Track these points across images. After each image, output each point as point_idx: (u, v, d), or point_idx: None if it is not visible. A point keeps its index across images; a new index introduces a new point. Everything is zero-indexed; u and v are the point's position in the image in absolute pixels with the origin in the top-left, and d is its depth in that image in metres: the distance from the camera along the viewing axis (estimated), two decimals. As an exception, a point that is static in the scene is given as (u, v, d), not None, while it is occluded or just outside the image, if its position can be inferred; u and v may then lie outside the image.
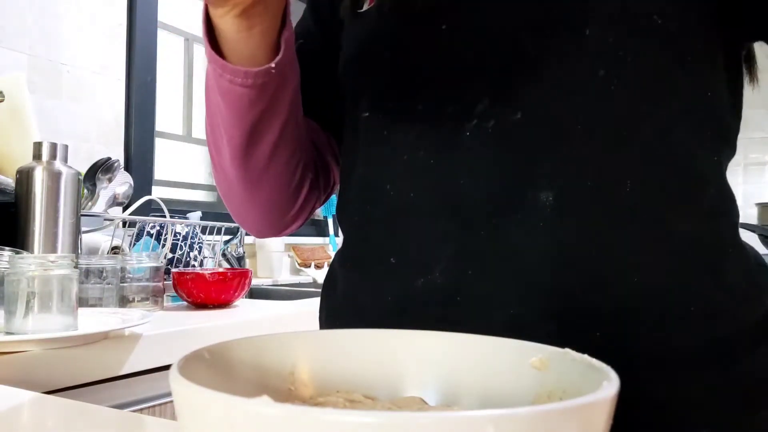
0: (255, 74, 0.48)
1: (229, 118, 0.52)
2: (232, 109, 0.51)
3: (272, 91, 0.50)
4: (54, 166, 1.05)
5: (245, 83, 0.48)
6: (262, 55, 0.48)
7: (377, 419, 0.18)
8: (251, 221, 0.63)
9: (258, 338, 0.32)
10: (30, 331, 0.76)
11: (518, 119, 0.45)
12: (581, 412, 0.20)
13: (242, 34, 0.46)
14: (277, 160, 0.55)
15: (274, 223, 0.63)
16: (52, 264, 0.78)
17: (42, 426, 0.46)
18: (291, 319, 1.19)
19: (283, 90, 0.51)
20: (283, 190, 0.59)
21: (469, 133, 0.46)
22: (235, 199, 0.60)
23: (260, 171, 0.56)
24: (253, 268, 2.07)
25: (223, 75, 0.48)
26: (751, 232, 1.92)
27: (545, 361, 0.30)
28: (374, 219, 0.52)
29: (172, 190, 2.06)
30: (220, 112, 0.52)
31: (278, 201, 0.60)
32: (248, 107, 0.50)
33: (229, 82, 0.48)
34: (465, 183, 0.46)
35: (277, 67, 0.48)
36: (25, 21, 1.51)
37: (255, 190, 0.58)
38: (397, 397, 0.33)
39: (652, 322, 0.43)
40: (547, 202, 0.44)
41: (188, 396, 0.22)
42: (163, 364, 0.90)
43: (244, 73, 0.48)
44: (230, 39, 0.47)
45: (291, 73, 0.52)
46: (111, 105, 1.71)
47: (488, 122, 0.46)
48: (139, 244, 1.44)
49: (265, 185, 0.57)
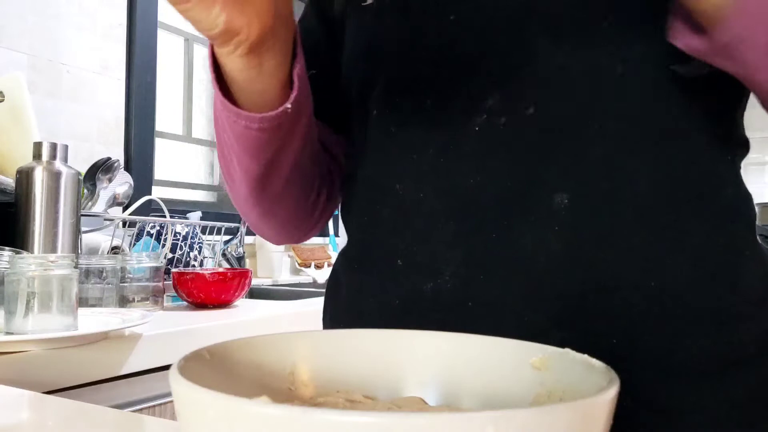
0: (271, 118, 0.45)
1: (244, 156, 0.49)
2: (247, 149, 0.48)
3: (288, 126, 0.47)
4: (54, 166, 1.05)
5: (261, 128, 0.45)
6: (273, 92, 0.45)
7: (377, 419, 0.18)
8: (269, 235, 0.63)
9: (258, 338, 0.32)
10: (30, 331, 0.76)
11: (530, 115, 0.44)
12: (581, 412, 0.20)
13: (251, 72, 0.43)
14: (294, 183, 0.54)
15: (293, 234, 0.63)
16: (52, 264, 0.78)
17: (42, 426, 0.46)
18: (291, 319, 1.19)
19: (298, 123, 0.48)
20: (300, 207, 0.58)
21: (478, 128, 0.45)
22: (251, 218, 0.59)
23: (277, 196, 0.54)
24: (253, 268, 2.07)
25: (237, 122, 0.46)
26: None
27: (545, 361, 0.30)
28: (381, 219, 0.51)
29: (172, 190, 2.06)
30: (234, 150, 0.50)
31: (295, 216, 0.59)
32: (265, 146, 0.48)
33: (244, 128, 0.46)
34: (475, 183, 0.45)
35: (292, 106, 0.45)
36: (25, 21, 1.51)
37: (272, 212, 0.56)
38: (397, 397, 0.33)
39: (667, 326, 0.42)
40: (561, 205, 0.43)
41: (188, 396, 0.22)
42: (163, 364, 0.90)
43: (259, 119, 0.45)
44: (239, 78, 0.44)
45: (306, 103, 0.49)
46: (111, 105, 1.71)
47: (499, 118, 0.44)
48: (139, 244, 1.44)
49: (282, 206, 0.56)
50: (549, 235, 0.43)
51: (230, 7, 0.38)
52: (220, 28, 0.39)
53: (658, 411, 0.42)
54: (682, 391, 0.42)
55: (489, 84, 0.45)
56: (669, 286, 0.43)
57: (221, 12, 0.38)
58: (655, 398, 0.42)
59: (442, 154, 0.47)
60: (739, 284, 0.44)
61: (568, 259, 0.43)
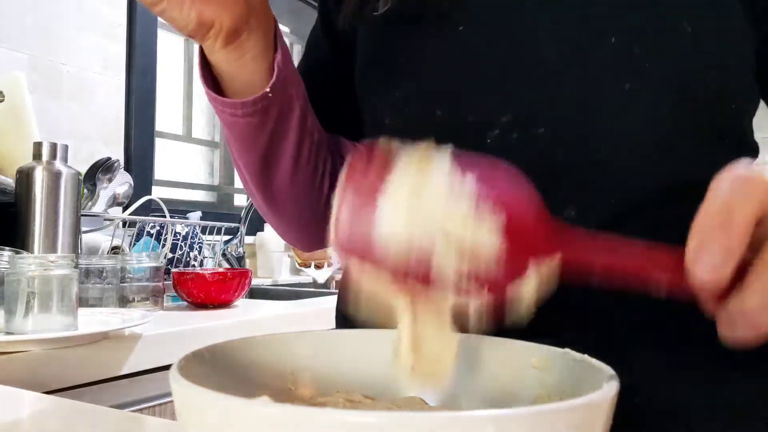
0: (252, 102, 0.48)
1: (240, 147, 0.53)
2: (240, 139, 0.52)
3: (276, 114, 0.50)
4: (54, 166, 1.05)
5: (245, 113, 0.49)
6: (259, 81, 0.49)
7: (377, 419, 0.18)
8: (291, 238, 0.65)
9: (258, 338, 0.32)
10: (30, 331, 0.76)
11: (542, 134, 0.44)
12: (581, 412, 0.20)
13: (235, 64, 0.47)
14: (300, 179, 0.56)
15: (315, 238, 0.64)
16: (52, 264, 0.78)
17: (42, 426, 0.46)
18: (291, 319, 1.19)
19: (288, 110, 0.51)
20: (313, 207, 0.59)
21: (490, 141, 0.46)
22: (269, 218, 0.62)
23: (284, 192, 0.56)
24: (253, 268, 2.07)
25: (224, 110, 0.50)
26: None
27: (545, 361, 0.30)
28: None
29: (172, 190, 2.06)
30: (232, 142, 0.54)
31: (311, 217, 0.60)
32: (256, 134, 0.51)
33: (230, 116, 0.50)
34: None
35: (273, 90, 0.48)
36: (25, 21, 1.51)
37: (283, 210, 0.59)
38: (397, 397, 0.33)
39: (666, 328, 0.43)
40: (569, 219, 0.43)
41: (188, 396, 0.22)
42: (163, 364, 0.90)
43: (241, 104, 0.49)
44: (225, 70, 0.48)
45: (294, 91, 0.52)
46: (111, 105, 1.71)
47: (511, 134, 0.45)
48: (139, 244, 1.44)
49: (292, 204, 0.58)
50: None
51: (199, 1, 0.42)
52: (194, 22, 0.42)
53: (659, 411, 0.42)
54: (683, 391, 0.43)
55: (503, 100, 0.46)
56: None
57: (191, 8, 0.42)
58: (656, 398, 0.42)
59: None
60: None
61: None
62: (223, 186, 2.25)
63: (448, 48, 0.48)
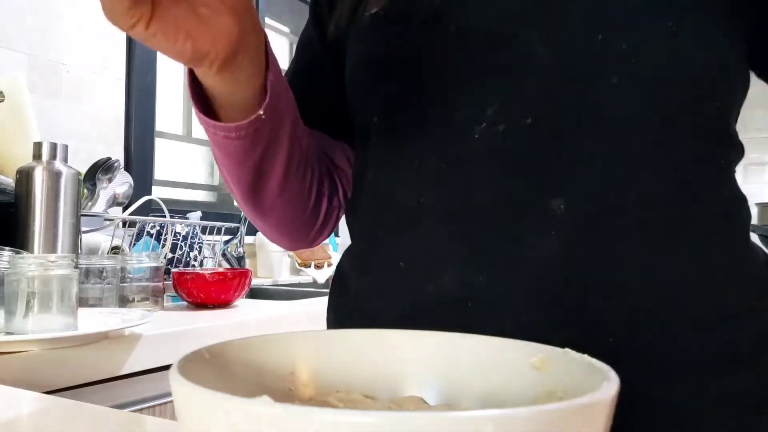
0: (246, 126, 0.48)
1: (231, 165, 0.53)
2: (232, 158, 0.52)
3: (268, 132, 0.50)
4: (54, 166, 1.05)
5: (239, 135, 0.49)
6: (251, 101, 0.48)
7: (377, 419, 0.18)
8: (279, 241, 0.66)
9: (258, 338, 0.32)
10: (30, 331, 0.76)
11: (529, 124, 0.45)
12: (581, 412, 0.20)
13: (229, 87, 0.46)
14: (289, 188, 0.56)
15: (302, 239, 0.65)
16: (52, 264, 0.78)
17: (42, 426, 0.46)
18: (291, 319, 1.19)
19: (280, 127, 0.51)
20: (301, 212, 0.60)
21: (478, 136, 0.46)
22: (257, 224, 0.62)
23: (272, 202, 0.57)
24: (253, 268, 2.07)
25: (217, 133, 0.49)
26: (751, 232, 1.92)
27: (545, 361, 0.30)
28: (385, 224, 0.52)
29: (172, 190, 2.06)
30: (222, 160, 0.53)
31: (299, 222, 0.61)
32: (248, 154, 0.51)
33: (223, 138, 0.49)
34: (476, 188, 0.46)
35: (266, 111, 0.48)
36: (25, 21, 1.51)
37: (273, 218, 0.59)
38: (397, 397, 0.33)
39: (664, 327, 0.43)
40: (558, 210, 0.43)
41: (188, 396, 0.22)
42: (163, 364, 0.90)
43: (235, 128, 0.48)
44: (219, 93, 0.47)
45: (286, 108, 0.51)
46: (111, 105, 1.71)
47: (498, 126, 0.45)
48: (139, 244, 1.44)
49: (281, 212, 0.59)
50: (546, 240, 0.44)
51: (194, 33, 0.40)
52: (189, 53, 0.41)
53: (659, 411, 0.42)
54: (681, 390, 0.43)
55: (490, 95, 0.46)
56: (665, 288, 0.43)
57: (185, 41, 0.40)
58: (656, 398, 0.42)
59: (443, 161, 0.48)
60: (733, 285, 0.45)
61: (565, 263, 0.43)
62: (223, 186, 2.25)
63: (438, 47, 0.49)
